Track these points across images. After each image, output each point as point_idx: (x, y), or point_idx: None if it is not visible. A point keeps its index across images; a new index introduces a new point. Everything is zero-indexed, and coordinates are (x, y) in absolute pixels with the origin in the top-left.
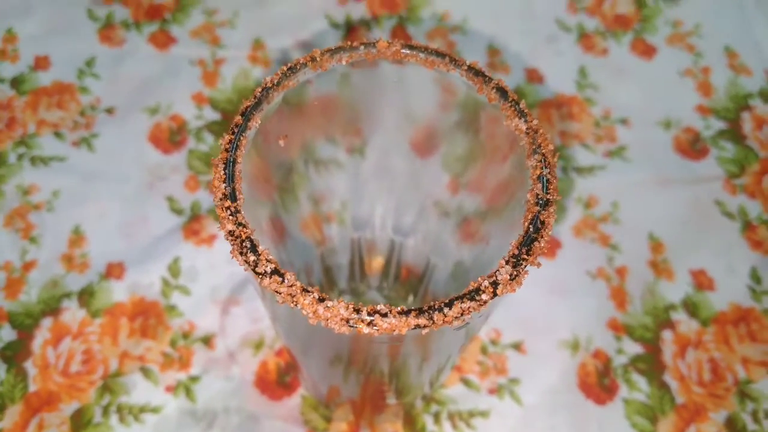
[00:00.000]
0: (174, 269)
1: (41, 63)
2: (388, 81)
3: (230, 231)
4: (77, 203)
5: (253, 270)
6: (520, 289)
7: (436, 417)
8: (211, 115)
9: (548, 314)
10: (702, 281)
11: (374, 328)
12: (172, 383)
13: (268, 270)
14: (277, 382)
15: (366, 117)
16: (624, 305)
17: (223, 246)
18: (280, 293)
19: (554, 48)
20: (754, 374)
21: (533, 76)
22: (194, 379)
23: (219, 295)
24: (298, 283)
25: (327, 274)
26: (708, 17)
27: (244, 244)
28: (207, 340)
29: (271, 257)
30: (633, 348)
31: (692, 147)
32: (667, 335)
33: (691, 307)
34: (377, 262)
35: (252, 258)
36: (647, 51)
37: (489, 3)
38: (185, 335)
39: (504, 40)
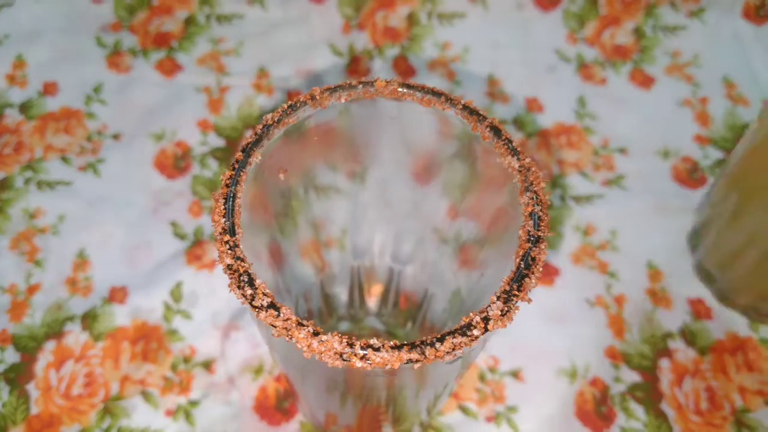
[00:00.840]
0: (176, 294)
1: (49, 89)
2: (388, 113)
3: (229, 265)
4: (82, 227)
5: (250, 303)
6: (516, 318)
7: None
8: (216, 141)
9: (546, 342)
10: (699, 310)
11: (367, 362)
12: (172, 407)
13: (265, 304)
14: (276, 408)
15: (366, 146)
16: (622, 333)
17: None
18: (275, 327)
19: (554, 78)
20: (751, 403)
21: (533, 106)
22: (194, 403)
23: (220, 320)
24: (294, 317)
25: (326, 300)
26: (706, 48)
27: (241, 278)
28: (207, 365)
29: (268, 291)
30: (630, 376)
31: (690, 176)
32: (664, 364)
33: (688, 336)
34: (376, 290)
35: (249, 292)
36: (646, 81)
37: (490, 34)
38: (186, 360)
39: (504, 70)
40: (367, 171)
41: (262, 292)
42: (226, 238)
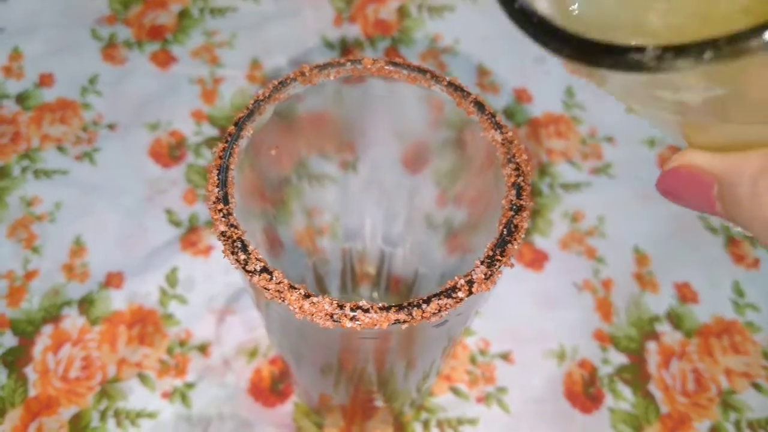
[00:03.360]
0: (171, 279)
1: (46, 80)
2: (380, 100)
3: (222, 232)
4: (78, 215)
5: (244, 268)
6: (507, 302)
7: (426, 424)
8: (210, 131)
9: (536, 325)
10: (686, 294)
11: (357, 322)
12: (168, 389)
13: (258, 268)
14: (270, 390)
15: (358, 136)
16: (609, 317)
17: (219, 256)
18: (268, 290)
19: (542, 69)
20: (737, 385)
21: (522, 96)
22: (190, 385)
23: (215, 305)
24: (286, 281)
25: (319, 283)
26: None
27: (235, 243)
28: (203, 348)
29: (260, 256)
30: (618, 358)
31: None
32: (651, 346)
33: (675, 319)
34: (368, 272)
35: (242, 257)
36: None
37: (479, 26)
38: (182, 343)
39: (493, 62)
40: (359, 160)
41: (255, 258)
42: (220, 206)
